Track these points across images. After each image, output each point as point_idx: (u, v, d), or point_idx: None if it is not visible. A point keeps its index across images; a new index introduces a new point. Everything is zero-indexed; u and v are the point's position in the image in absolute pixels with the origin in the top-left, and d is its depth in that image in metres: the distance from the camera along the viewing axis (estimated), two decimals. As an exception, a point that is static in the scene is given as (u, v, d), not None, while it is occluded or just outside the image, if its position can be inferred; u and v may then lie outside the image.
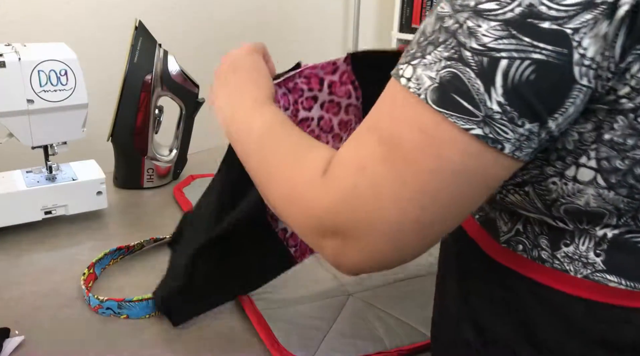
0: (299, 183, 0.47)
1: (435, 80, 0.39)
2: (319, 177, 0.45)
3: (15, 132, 0.89)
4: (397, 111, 0.42)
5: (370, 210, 0.42)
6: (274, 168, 0.51)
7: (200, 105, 1.15)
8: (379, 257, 0.44)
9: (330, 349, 0.69)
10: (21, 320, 0.73)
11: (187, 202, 1.05)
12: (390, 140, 0.41)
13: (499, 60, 0.37)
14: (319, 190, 0.45)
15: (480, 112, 0.38)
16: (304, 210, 0.46)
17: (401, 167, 0.41)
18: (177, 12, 1.78)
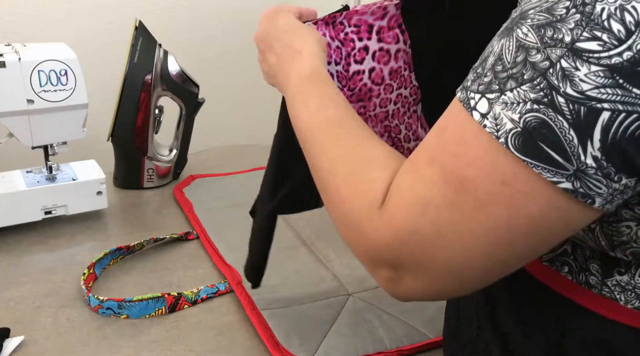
0: (356, 209, 0.44)
1: (518, 124, 0.35)
2: (377, 207, 0.42)
3: (16, 132, 0.89)
4: (466, 149, 0.38)
5: (432, 252, 0.40)
6: (328, 173, 0.49)
7: (200, 105, 1.15)
8: (436, 291, 0.42)
9: (331, 349, 0.69)
10: (21, 320, 0.73)
11: (187, 202, 1.05)
12: (457, 180, 0.38)
13: (600, 112, 0.33)
14: (377, 225, 0.42)
15: (571, 166, 0.34)
16: (360, 239, 0.44)
17: (472, 215, 0.38)
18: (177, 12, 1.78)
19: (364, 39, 0.68)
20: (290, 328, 0.71)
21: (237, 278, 0.81)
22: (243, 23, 1.99)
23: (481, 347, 0.53)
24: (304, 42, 0.60)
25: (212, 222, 0.98)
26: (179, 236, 0.93)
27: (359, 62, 0.68)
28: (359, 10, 0.67)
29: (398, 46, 0.70)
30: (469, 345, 0.55)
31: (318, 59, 0.59)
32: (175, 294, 0.76)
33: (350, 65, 0.68)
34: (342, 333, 0.72)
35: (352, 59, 0.68)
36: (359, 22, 0.67)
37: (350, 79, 0.68)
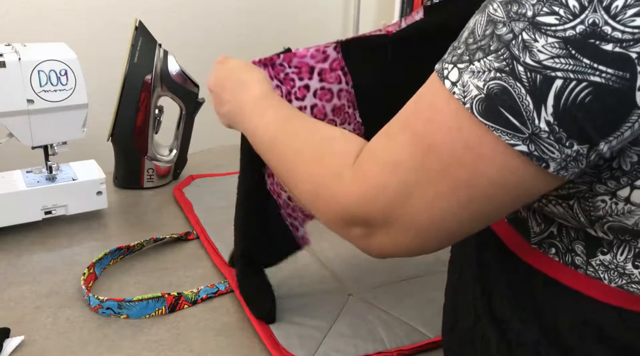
0: (326, 175, 0.48)
1: (482, 91, 0.38)
2: (348, 168, 0.46)
3: (16, 132, 0.89)
4: (436, 114, 0.41)
5: (399, 209, 0.43)
6: (295, 164, 0.53)
7: (200, 105, 1.15)
8: (405, 247, 0.46)
9: (331, 349, 0.69)
10: (21, 320, 0.73)
11: (187, 202, 1.05)
12: (426, 144, 0.41)
13: (553, 80, 0.36)
14: (349, 182, 0.46)
15: (527, 129, 0.37)
16: (332, 201, 0.47)
17: (435, 176, 0.41)
18: (177, 12, 1.78)
19: (305, 78, 0.71)
20: (290, 328, 0.71)
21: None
22: (243, 23, 2.00)
23: (478, 337, 0.54)
24: (251, 74, 0.67)
25: (212, 222, 0.98)
26: (178, 236, 0.93)
27: (300, 99, 0.71)
28: (297, 53, 0.71)
29: (340, 86, 0.73)
30: (467, 335, 0.56)
31: (265, 84, 0.65)
32: (175, 294, 0.76)
33: (291, 101, 0.71)
34: (342, 333, 0.72)
35: (293, 96, 0.71)
36: (299, 64, 0.71)
37: None
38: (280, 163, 0.56)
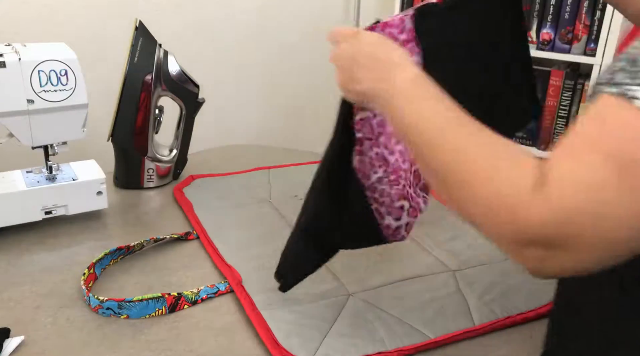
0: (507, 194, 0.47)
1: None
2: (531, 189, 0.46)
3: (16, 132, 0.89)
4: (632, 132, 0.42)
5: (590, 230, 0.43)
6: (465, 169, 0.51)
7: (200, 105, 1.15)
8: (585, 267, 0.45)
9: (331, 349, 0.69)
10: (21, 320, 0.73)
11: (187, 202, 1.05)
12: (624, 162, 0.42)
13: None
14: (535, 205, 0.45)
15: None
16: (510, 220, 0.46)
17: (634, 194, 0.42)
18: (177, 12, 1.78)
19: None
20: (291, 328, 0.71)
21: (237, 278, 0.81)
22: (243, 23, 2.00)
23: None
24: (398, 52, 0.62)
25: (212, 222, 0.98)
26: (179, 236, 0.93)
27: None
28: (388, 22, 0.69)
29: (414, 58, 0.70)
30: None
31: (415, 66, 0.61)
32: (175, 294, 0.76)
33: None
34: (342, 333, 0.72)
35: None
36: (390, 35, 0.69)
37: None
38: (441, 159, 0.53)
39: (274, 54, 2.13)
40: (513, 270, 0.86)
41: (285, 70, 2.21)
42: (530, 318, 0.76)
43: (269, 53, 2.11)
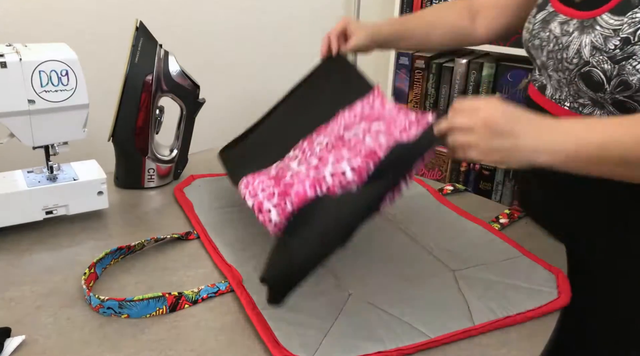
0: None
1: None
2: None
3: (16, 132, 0.89)
4: None
5: None
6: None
7: (200, 105, 1.15)
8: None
9: (331, 349, 0.69)
10: (22, 320, 0.73)
11: (188, 201, 1.05)
12: None
13: None
14: None
15: None
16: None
17: None
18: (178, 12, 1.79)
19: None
20: (291, 327, 0.72)
21: (237, 278, 0.81)
22: (243, 23, 2.00)
23: None
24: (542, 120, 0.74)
25: (212, 221, 0.98)
26: (179, 236, 0.93)
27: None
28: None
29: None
30: None
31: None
32: (176, 294, 0.77)
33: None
34: (343, 332, 0.72)
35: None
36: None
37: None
38: (632, 154, 0.69)
39: (274, 54, 2.13)
40: (513, 270, 0.86)
41: (286, 70, 2.21)
42: (530, 318, 0.76)
43: (269, 53, 2.11)
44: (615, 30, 0.81)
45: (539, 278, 0.84)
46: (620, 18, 0.81)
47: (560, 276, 0.85)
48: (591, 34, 0.84)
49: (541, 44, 0.94)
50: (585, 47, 0.84)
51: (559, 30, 0.89)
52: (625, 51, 0.80)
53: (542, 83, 0.98)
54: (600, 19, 0.84)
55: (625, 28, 0.80)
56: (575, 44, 0.85)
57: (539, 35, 0.94)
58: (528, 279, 0.83)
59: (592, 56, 0.83)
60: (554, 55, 0.91)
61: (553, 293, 0.81)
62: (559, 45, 0.89)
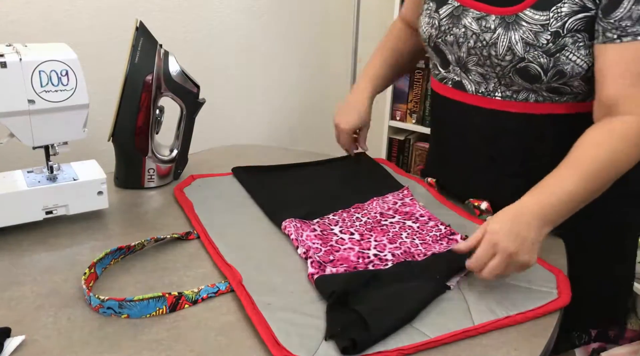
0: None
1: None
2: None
3: (16, 132, 0.89)
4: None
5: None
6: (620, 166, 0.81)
7: (200, 105, 1.15)
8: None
9: (331, 349, 0.69)
10: (22, 320, 0.73)
11: (188, 201, 1.05)
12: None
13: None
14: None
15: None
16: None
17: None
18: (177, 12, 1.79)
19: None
20: (291, 327, 0.72)
21: (237, 278, 0.81)
22: (243, 23, 2.00)
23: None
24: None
25: (212, 221, 0.98)
26: (179, 236, 0.93)
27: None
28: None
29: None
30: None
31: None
32: (175, 294, 0.77)
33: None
34: (342, 332, 0.72)
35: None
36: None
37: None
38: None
39: (274, 54, 2.13)
40: (513, 270, 0.86)
41: (285, 70, 2.21)
42: (530, 318, 0.76)
43: (269, 53, 2.12)
44: (543, 25, 0.84)
45: (539, 278, 0.84)
46: (545, 13, 0.84)
47: (560, 277, 0.85)
48: (519, 31, 0.86)
49: (456, 40, 0.95)
50: (517, 44, 0.86)
51: (477, 26, 0.91)
52: (557, 44, 0.84)
53: (455, 79, 0.99)
54: (524, 14, 0.86)
55: (553, 22, 0.83)
56: (503, 40, 0.87)
57: (452, 31, 0.95)
58: (528, 279, 0.83)
59: (527, 52, 0.85)
60: (477, 51, 0.92)
61: (553, 293, 0.81)
62: (481, 42, 0.91)
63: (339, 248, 0.89)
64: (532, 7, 0.85)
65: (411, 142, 2.29)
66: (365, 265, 0.85)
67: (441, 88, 1.04)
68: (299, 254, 0.88)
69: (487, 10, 0.90)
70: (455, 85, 1.00)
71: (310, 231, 0.93)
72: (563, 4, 0.83)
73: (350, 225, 0.97)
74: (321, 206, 1.03)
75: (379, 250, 0.89)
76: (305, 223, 0.96)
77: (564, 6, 0.83)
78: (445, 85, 1.02)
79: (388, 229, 0.96)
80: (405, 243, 0.92)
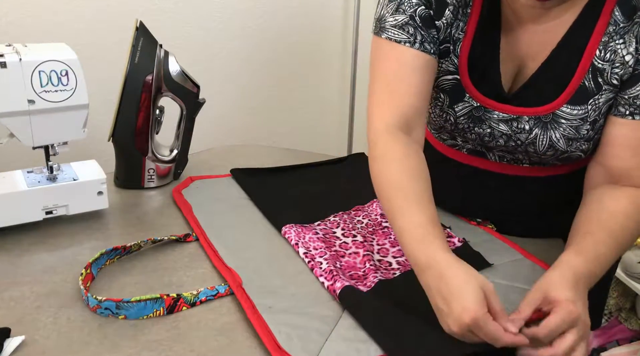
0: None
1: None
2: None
3: (16, 132, 0.89)
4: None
5: None
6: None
7: (200, 106, 1.15)
8: None
9: (332, 352, 0.69)
10: (22, 320, 0.73)
11: (186, 203, 1.05)
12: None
13: None
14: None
15: None
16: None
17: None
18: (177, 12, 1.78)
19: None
20: (292, 331, 0.72)
21: (237, 281, 0.81)
22: (243, 23, 2.00)
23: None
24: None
25: (211, 224, 0.98)
26: (177, 237, 0.93)
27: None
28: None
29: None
30: None
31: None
32: (174, 295, 0.76)
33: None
34: (344, 336, 0.72)
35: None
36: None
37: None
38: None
39: (274, 54, 2.13)
40: (514, 272, 0.86)
41: (285, 70, 2.21)
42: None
43: (268, 53, 2.11)
44: (582, 118, 0.82)
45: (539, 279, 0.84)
46: (582, 107, 0.82)
47: (561, 278, 0.84)
48: (559, 129, 0.83)
49: (480, 138, 0.89)
50: (559, 141, 0.84)
51: (506, 127, 0.85)
52: (596, 129, 0.83)
53: (477, 149, 0.93)
54: (561, 111, 0.82)
55: (592, 113, 0.82)
56: (542, 140, 0.84)
57: (473, 130, 0.88)
58: (529, 281, 0.83)
59: (569, 145, 0.84)
60: (511, 148, 0.88)
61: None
62: (515, 142, 0.86)
63: (343, 253, 0.89)
64: (568, 103, 0.82)
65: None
66: (374, 272, 0.83)
67: (448, 151, 0.96)
68: (301, 255, 0.88)
69: (518, 113, 0.84)
70: (472, 152, 0.93)
71: (313, 234, 0.93)
72: (600, 95, 0.81)
73: (352, 228, 0.97)
74: (321, 207, 1.03)
75: (382, 255, 0.89)
76: (306, 227, 0.96)
77: (601, 97, 0.81)
78: (455, 150, 0.95)
79: (389, 231, 0.96)
80: None
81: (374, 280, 0.81)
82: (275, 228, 0.97)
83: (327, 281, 0.81)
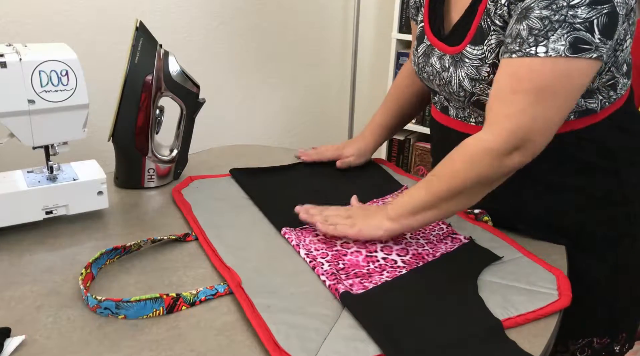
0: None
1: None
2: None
3: (16, 132, 0.89)
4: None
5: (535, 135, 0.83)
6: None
7: (200, 105, 1.15)
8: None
9: (331, 351, 0.69)
10: (22, 320, 0.73)
11: (186, 203, 1.05)
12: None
13: None
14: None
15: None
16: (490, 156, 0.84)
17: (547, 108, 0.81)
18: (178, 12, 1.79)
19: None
20: (291, 330, 0.72)
21: (236, 280, 0.81)
22: (243, 23, 2.00)
23: None
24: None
25: (211, 223, 0.98)
26: (177, 237, 0.93)
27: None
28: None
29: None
30: None
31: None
32: (173, 295, 0.77)
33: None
34: (343, 335, 0.72)
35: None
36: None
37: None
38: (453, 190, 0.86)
39: (274, 54, 2.13)
40: (513, 271, 0.86)
41: (285, 70, 2.21)
42: (530, 320, 0.76)
43: (269, 53, 2.11)
44: (481, 59, 0.89)
45: (539, 279, 0.84)
46: (480, 47, 0.89)
47: (561, 278, 0.84)
48: (464, 68, 0.92)
49: (429, 77, 1.03)
50: (464, 80, 0.92)
51: (439, 65, 0.98)
52: (496, 73, 0.87)
53: (443, 104, 1.04)
54: (466, 51, 0.91)
55: (488, 55, 0.88)
56: (454, 78, 0.95)
57: (425, 69, 1.03)
58: (528, 280, 0.83)
59: (474, 86, 0.91)
60: (442, 88, 0.99)
61: (553, 294, 0.81)
62: (442, 80, 0.97)
63: (345, 252, 0.89)
64: (470, 43, 0.91)
65: (411, 142, 2.29)
66: (379, 272, 0.84)
67: (434, 111, 1.10)
68: (302, 256, 0.88)
69: (444, 50, 0.97)
70: (442, 109, 1.05)
71: (313, 236, 0.93)
72: (491, 36, 0.87)
73: None
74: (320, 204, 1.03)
75: (386, 253, 0.89)
76: (305, 229, 0.96)
77: (492, 38, 0.87)
78: (435, 108, 1.09)
79: None
80: (410, 244, 0.92)
81: (380, 279, 0.82)
82: (274, 227, 0.97)
83: (330, 280, 0.81)
